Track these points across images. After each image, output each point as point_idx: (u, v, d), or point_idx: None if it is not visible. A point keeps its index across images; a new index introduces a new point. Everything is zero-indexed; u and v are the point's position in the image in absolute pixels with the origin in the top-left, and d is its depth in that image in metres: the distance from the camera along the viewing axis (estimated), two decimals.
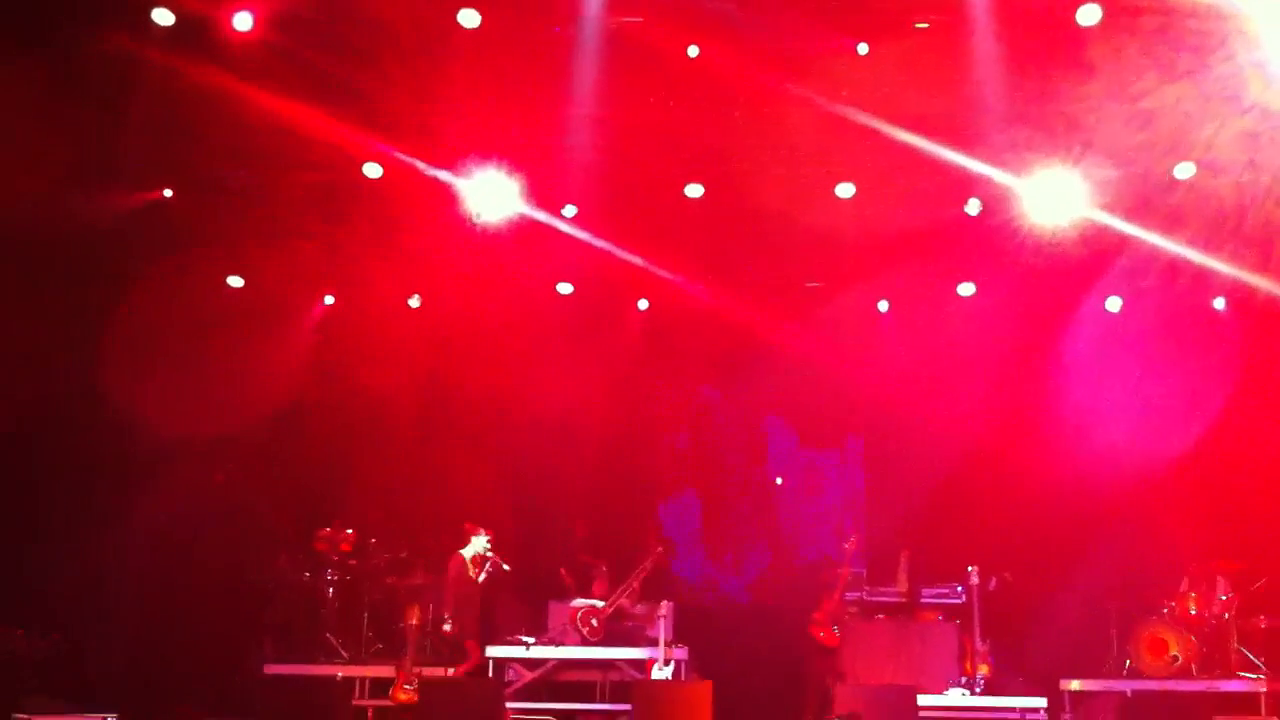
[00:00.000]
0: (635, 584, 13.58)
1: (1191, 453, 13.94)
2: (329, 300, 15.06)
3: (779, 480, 15.92)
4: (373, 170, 12.57)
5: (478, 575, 13.07)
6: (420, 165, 12.49)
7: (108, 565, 13.33)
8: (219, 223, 13.56)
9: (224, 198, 13.34)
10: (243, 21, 10.73)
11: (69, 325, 12.92)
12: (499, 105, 12.13)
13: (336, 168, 12.76)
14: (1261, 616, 12.74)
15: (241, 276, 14.20)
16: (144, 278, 13.24)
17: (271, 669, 12.51)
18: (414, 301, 15.07)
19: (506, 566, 13.15)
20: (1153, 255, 13.15)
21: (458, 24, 10.98)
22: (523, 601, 14.04)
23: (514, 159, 12.67)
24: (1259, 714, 12.04)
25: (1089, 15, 10.39)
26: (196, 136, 12.45)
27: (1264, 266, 12.69)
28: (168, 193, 13.27)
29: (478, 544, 13.13)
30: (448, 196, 12.86)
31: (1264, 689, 12.14)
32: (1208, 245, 12.62)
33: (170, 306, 13.65)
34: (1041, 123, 11.84)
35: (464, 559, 13.09)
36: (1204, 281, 13.43)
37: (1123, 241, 12.94)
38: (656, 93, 12.06)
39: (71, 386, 13.10)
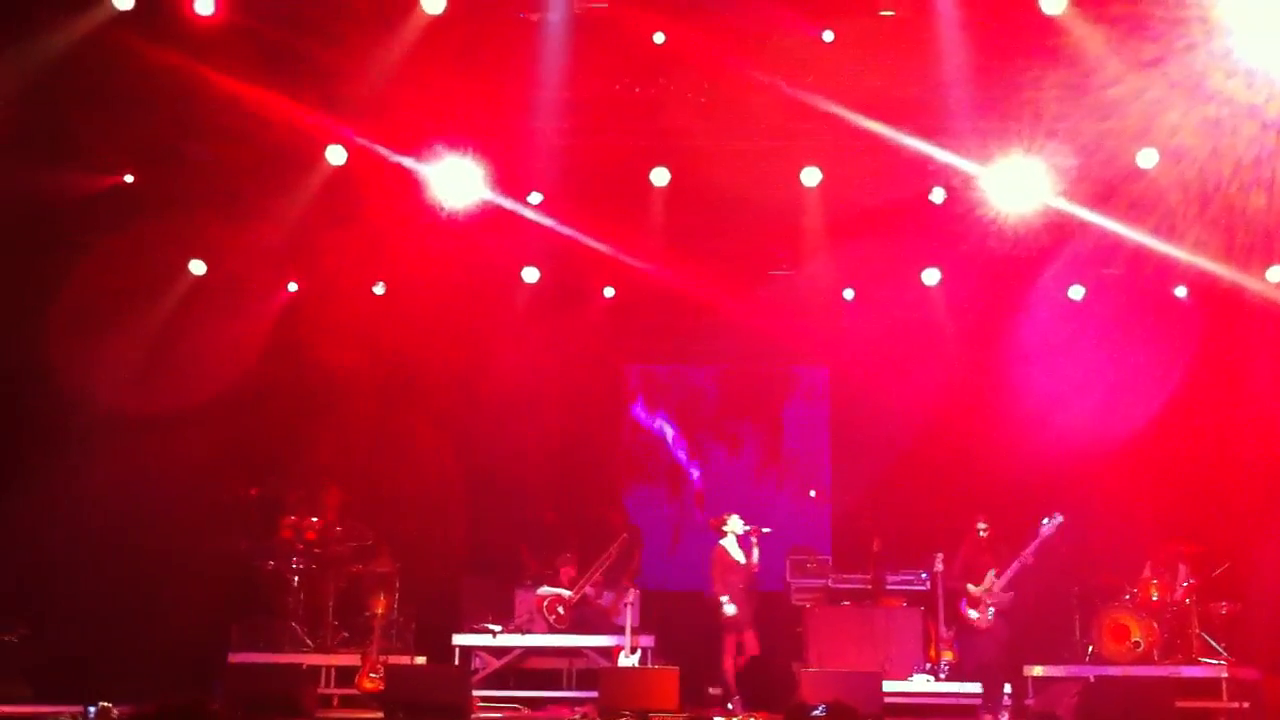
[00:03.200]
0: (601, 571, 13.59)
1: (1153, 439, 14.06)
2: (293, 287, 14.93)
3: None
4: (336, 155, 12.45)
5: (748, 558, 12.68)
6: (383, 151, 12.40)
7: (64, 549, 13.22)
8: (179, 201, 13.42)
9: (184, 177, 13.20)
10: (204, 5, 10.59)
11: (18, 298, 12.79)
12: (464, 89, 12.04)
13: (300, 150, 12.64)
14: (1223, 602, 12.86)
15: (202, 256, 14.06)
16: (99, 252, 13.11)
17: (236, 657, 12.42)
18: (378, 289, 14.96)
19: (767, 530, 12.80)
20: (1116, 243, 13.21)
21: (422, 7, 10.88)
22: (489, 589, 14.00)
23: (479, 144, 12.59)
24: (1220, 699, 12.18)
25: (1054, 4, 10.39)
26: (159, 117, 12.33)
27: (1226, 254, 12.77)
28: (129, 178, 13.11)
29: (735, 525, 12.73)
30: (412, 181, 12.78)
31: (1225, 674, 12.27)
32: (1170, 233, 12.68)
33: (125, 282, 13.53)
34: (1006, 110, 11.87)
35: (725, 549, 12.71)
36: (1166, 269, 13.51)
37: (1086, 229, 13.00)
38: (622, 78, 12.01)
39: (16, 362, 12.99)
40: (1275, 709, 10.65)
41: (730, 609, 12.32)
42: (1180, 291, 14.29)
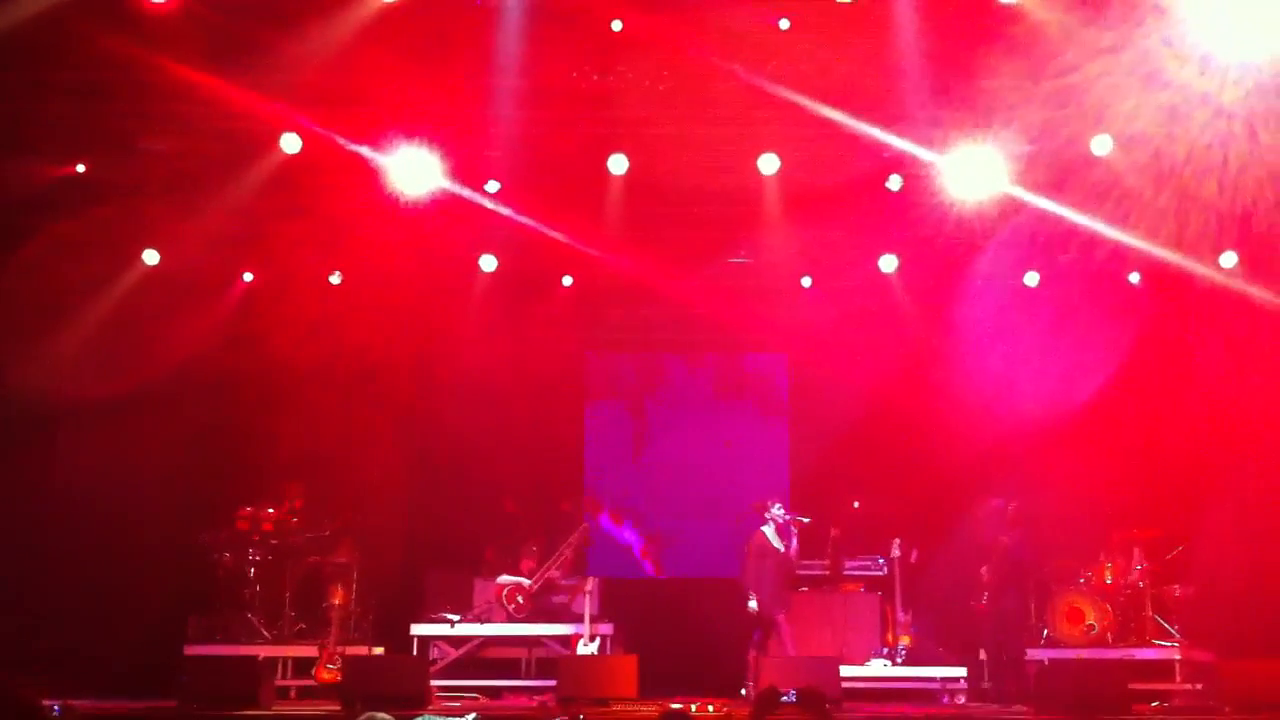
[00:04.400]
0: (562, 559, 13.58)
1: (1108, 424, 14.19)
2: (248, 277, 14.82)
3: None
4: (291, 143, 12.33)
5: (787, 546, 12.65)
6: (340, 139, 12.31)
7: (18, 543, 13.11)
8: (133, 191, 13.29)
9: (137, 167, 13.06)
10: None
11: None
12: (421, 77, 11.96)
13: (254, 139, 12.53)
14: (1176, 585, 13.01)
15: (156, 245, 13.92)
16: (49, 241, 12.97)
17: (192, 649, 12.34)
18: (335, 278, 14.87)
19: (806, 519, 12.86)
20: (1070, 229, 13.30)
21: None
22: (449, 579, 13.96)
23: (436, 132, 12.52)
24: (1174, 681, 12.32)
25: None
26: (111, 107, 12.18)
27: (1178, 241, 12.87)
28: (80, 168, 12.96)
29: (776, 513, 12.72)
30: (369, 170, 12.69)
31: (1178, 656, 12.42)
32: (1124, 220, 12.77)
33: (77, 273, 13.40)
34: (963, 97, 11.90)
35: (765, 535, 12.65)
36: (1120, 255, 13.61)
37: (1041, 215, 13.07)
38: (580, 65, 11.96)
39: None
40: (1228, 690, 10.76)
41: (753, 604, 12.28)
42: (1134, 277, 14.40)
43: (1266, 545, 12.90)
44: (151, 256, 13.96)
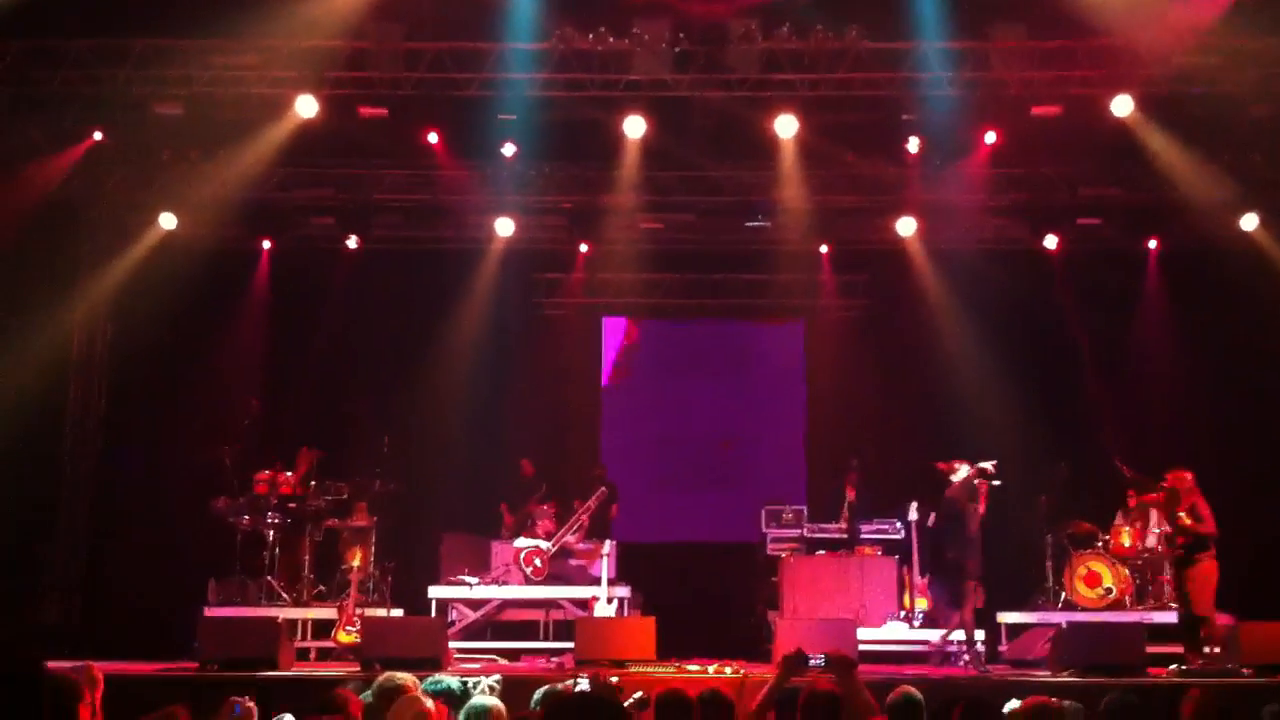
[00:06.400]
0: (580, 522, 13.61)
1: (1126, 387, 14.18)
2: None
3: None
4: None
5: (980, 505, 11.77)
6: None
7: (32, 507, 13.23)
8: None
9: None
10: None
11: None
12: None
13: None
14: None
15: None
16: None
17: (212, 612, 12.42)
18: (351, 243, 14.92)
19: (997, 482, 11.90)
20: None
21: None
22: (467, 542, 14.02)
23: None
24: None
25: None
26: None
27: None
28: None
29: (963, 472, 11.79)
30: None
31: None
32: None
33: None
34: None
35: (961, 494, 11.75)
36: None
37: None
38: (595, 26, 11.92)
39: None
40: (1245, 652, 10.73)
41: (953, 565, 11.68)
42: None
43: None
44: (168, 220, 14.02)
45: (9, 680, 3.45)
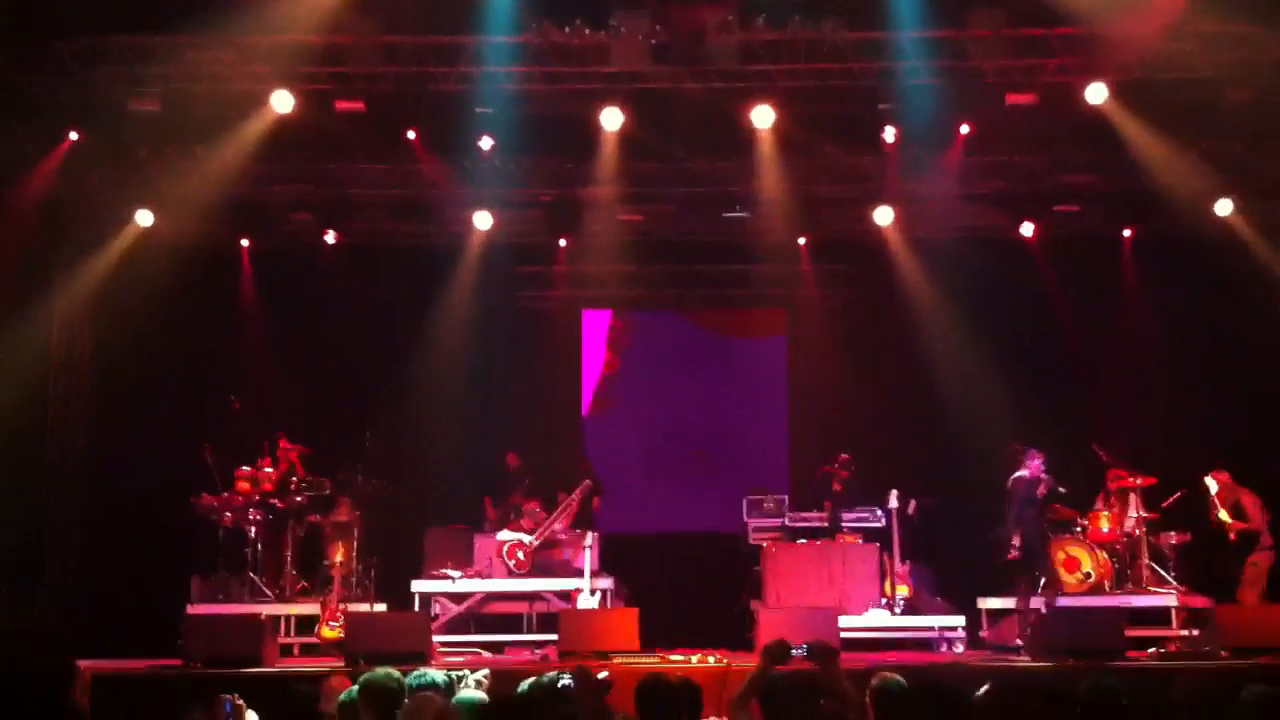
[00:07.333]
0: (563, 514, 13.63)
1: (1102, 373, 14.29)
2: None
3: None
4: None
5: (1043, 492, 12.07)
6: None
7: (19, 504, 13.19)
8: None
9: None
10: None
11: None
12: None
13: None
14: (1172, 533, 13.06)
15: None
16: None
17: (195, 609, 12.40)
18: (329, 238, 14.91)
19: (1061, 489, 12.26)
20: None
21: None
22: (451, 536, 14.03)
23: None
24: (1170, 627, 12.40)
25: None
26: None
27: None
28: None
29: (1035, 463, 12.08)
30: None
31: (1175, 603, 12.50)
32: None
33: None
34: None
35: (1025, 480, 12.09)
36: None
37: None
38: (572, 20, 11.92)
39: None
40: (1225, 635, 10.83)
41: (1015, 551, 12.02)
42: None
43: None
44: (145, 218, 13.98)
45: (43, 680, 3.49)
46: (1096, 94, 12.12)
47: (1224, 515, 12.61)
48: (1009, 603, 12.73)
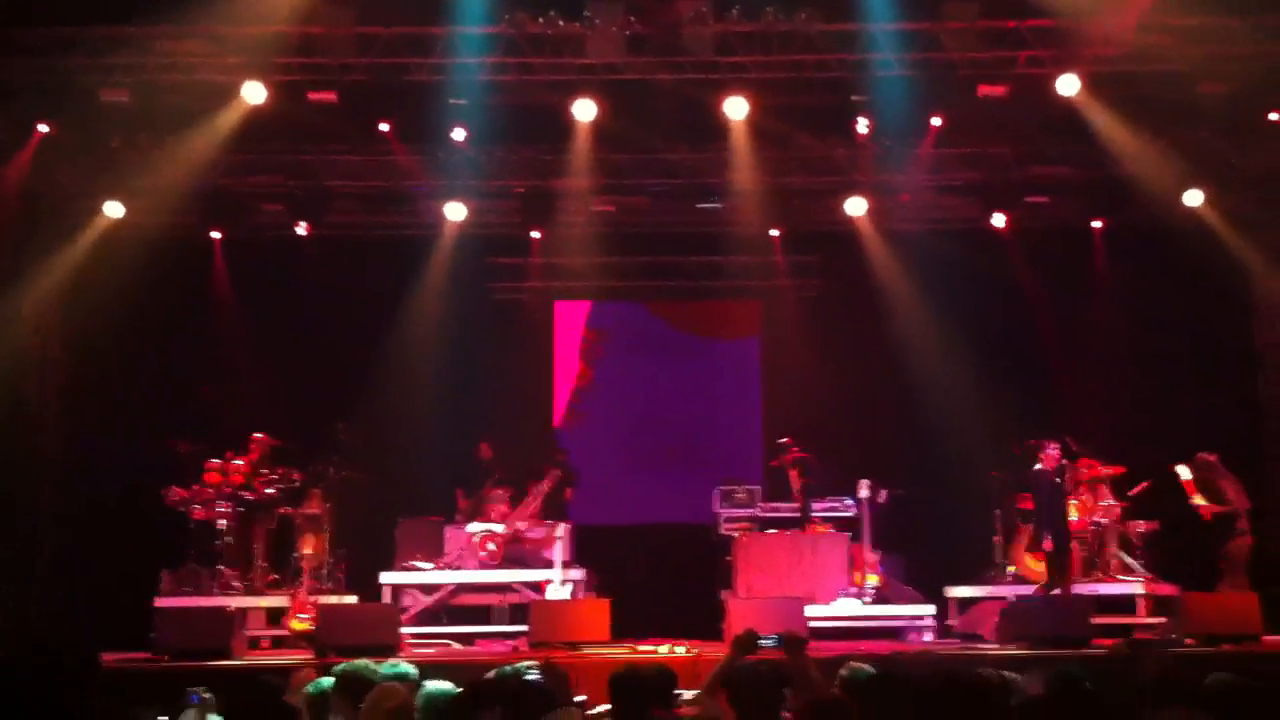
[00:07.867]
0: (533, 506, 13.63)
1: (1073, 364, 14.37)
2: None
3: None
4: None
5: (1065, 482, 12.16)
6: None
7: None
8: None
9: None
10: None
11: None
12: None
13: None
14: (1140, 521, 13.16)
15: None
16: None
17: (164, 602, 12.34)
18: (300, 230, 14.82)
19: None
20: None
21: None
22: (422, 528, 14.01)
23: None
24: (1137, 615, 12.50)
25: None
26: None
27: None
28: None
29: (1053, 453, 12.14)
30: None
31: (1141, 591, 12.60)
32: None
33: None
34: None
35: (1048, 472, 12.10)
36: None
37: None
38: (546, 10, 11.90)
39: None
40: (1191, 622, 10.92)
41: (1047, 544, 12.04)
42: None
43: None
44: (116, 209, 13.90)
45: (68, 677, 3.50)
46: (1068, 86, 12.16)
47: (1199, 499, 12.70)
48: (978, 591, 12.83)
